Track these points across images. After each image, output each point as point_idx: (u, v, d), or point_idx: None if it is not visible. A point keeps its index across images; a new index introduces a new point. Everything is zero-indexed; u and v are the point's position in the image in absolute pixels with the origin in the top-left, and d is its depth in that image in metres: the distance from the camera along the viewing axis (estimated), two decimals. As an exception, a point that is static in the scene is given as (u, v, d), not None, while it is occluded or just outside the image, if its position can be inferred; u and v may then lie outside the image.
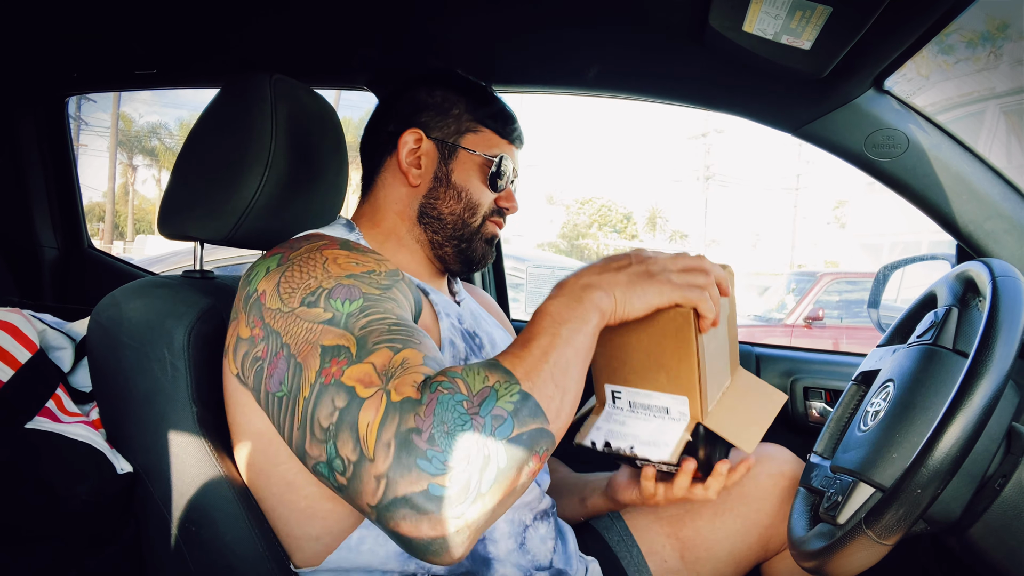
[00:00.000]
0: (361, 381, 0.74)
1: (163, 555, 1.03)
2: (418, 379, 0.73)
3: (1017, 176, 1.28)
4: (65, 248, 2.35)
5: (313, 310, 0.83)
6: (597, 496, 1.25)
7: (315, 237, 0.97)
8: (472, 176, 1.17)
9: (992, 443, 0.91)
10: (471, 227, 1.17)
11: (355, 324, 0.81)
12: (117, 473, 1.01)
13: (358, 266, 0.90)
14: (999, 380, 0.80)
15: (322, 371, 0.76)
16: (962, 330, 1.02)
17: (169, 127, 29.20)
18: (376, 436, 0.69)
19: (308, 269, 0.88)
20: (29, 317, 1.10)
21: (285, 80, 1.16)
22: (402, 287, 0.93)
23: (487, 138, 1.19)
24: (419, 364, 0.75)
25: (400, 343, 0.78)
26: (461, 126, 1.18)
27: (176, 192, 1.17)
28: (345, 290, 0.85)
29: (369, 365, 0.75)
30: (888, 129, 1.30)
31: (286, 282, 0.87)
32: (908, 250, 12.11)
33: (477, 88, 1.22)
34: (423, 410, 0.69)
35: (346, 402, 0.73)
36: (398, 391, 0.72)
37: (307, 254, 0.91)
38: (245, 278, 0.93)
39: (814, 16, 1.03)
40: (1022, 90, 13.59)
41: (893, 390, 1.02)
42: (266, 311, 0.86)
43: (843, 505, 0.95)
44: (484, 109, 1.19)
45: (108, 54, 1.84)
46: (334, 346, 0.78)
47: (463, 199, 1.16)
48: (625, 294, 0.84)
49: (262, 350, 0.84)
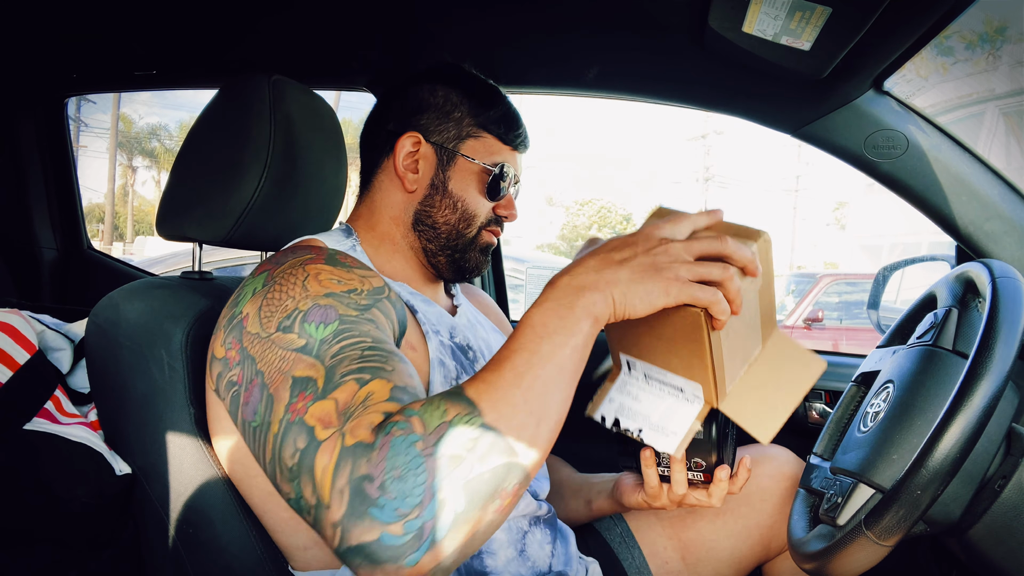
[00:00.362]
0: (321, 420, 0.71)
1: (161, 556, 1.03)
2: (375, 420, 0.70)
3: (1017, 177, 1.28)
4: (64, 249, 2.35)
5: (288, 336, 0.81)
6: (603, 499, 1.23)
7: (302, 250, 0.95)
8: (470, 185, 1.12)
9: (992, 444, 0.91)
10: (465, 238, 1.13)
11: (327, 352, 0.78)
12: (116, 475, 1.00)
13: (339, 284, 0.88)
14: (999, 381, 0.80)
15: (289, 406, 0.75)
16: (962, 331, 1.01)
17: (169, 128, 29.22)
18: (331, 482, 0.67)
19: (287, 288, 0.86)
20: (28, 318, 1.10)
21: (284, 81, 1.16)
22: (384, 307, 0.90)
23: (489, 144, 1.14)
24: (382, 400, 0.72)
25: (370, 372, 0.76)
26: (462, 131, 1.13)
27: (175, 193, 1.17)
28: (321, 312, 0.83)
29: (332, 402, 0.73)
30: (888, 130, 1.30)
31: (267, 304, 0.85)
32: (908, 251, 12.12)
33: (483, 89, 1.17)
34: (375, 455, 0.66)
35: (306, 443, 0.71)
36: (353, 434, 0.69)
37: (289, 270, 0.89)
38: (235, 297, 0.91)
39: (814, 17, 1.03)
40: (1021, 92, 13.60)
41: (893, 391, 1.01)
42: (246, 335, 0.84)
43: (843, 506, 0.95)
44: (488, 113, 1.14)
45: (107, 55, 1.84)
46: (303, 378, 0.76)
47: (459, 209, 1.12)
48: (625, 295, 0.74)
49: (238, 375, 0.83)
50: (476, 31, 1.47)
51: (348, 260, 0.94)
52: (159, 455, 1.01)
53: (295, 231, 1.21)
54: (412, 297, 1.07)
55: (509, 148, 1.15)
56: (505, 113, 1.16)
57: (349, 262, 0.94)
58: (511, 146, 1.16)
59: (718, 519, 1.23)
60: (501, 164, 1.12)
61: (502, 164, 1.13)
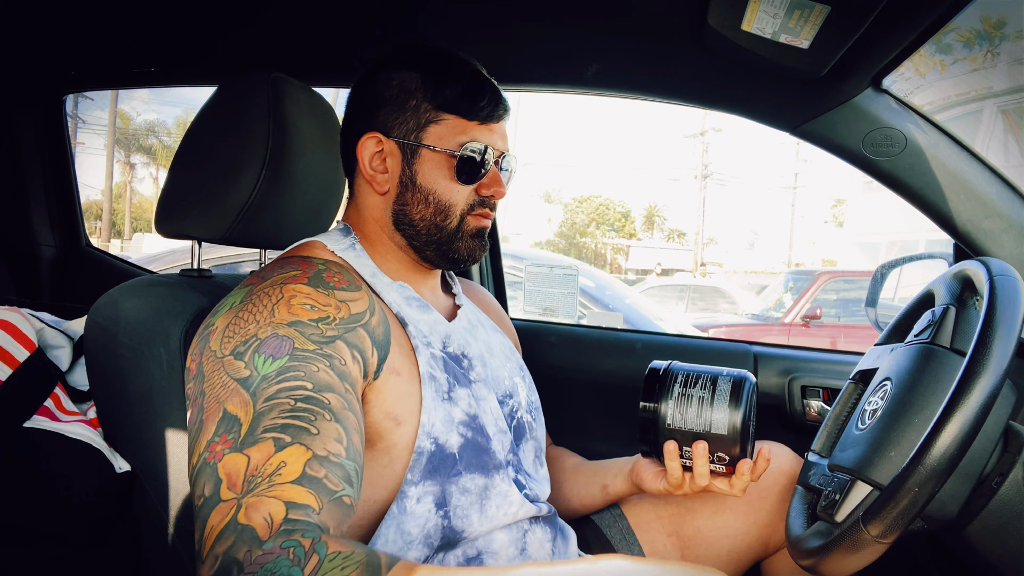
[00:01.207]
0: (229, 477, 0.71)
1: (160, 554, 1.03)
2: (277, 511, 0.67)
3: (1014, 175, 1.28)
4: (63, 246, 2.34)
5: (237, 363, 0.80)
6: (619, 481, 1.22)
7: (291, 264, 0.93)
8: (438, 175, 1.05)
9: (989, 442, 0.91)
10: (447, 230, 1.06)
11: (264, 391, 0.77)
12: (116, 472, 1.01)
13: (312, 310, 0.86)
14: (996, 379, 0.80)
15: (210, 444, 0.74)
16: (960, 329, 1.02)
17: (167, 124, 29.18)
18: (211, 544, 0.66)
19: (256, 310, 0.85)
20: (27, 316, 1.10)
21: (283, 78, 1.16)
22: (356, 336, 0.88)
23: (452, 126, 1.06)
24: (289, 480, 0.70)
25: (292, 433, 0.73)
26: (421, 119, 1.06)
27: (173, 191, 1.17)
28: (276, 343, 0.81)
29: (244, 459, 0.72)
30: (886, 128, 1.30)
31: (234, 324, 0.84)
32: (905, 249, 12.12)
33: (438, 66, 1.08)
34: (258, 555, 0.63)
35: (210, 493, 0.71)
36: (247, 514, 0.67)
37: (267, 289, 0.88)
38: (218, 305, 0.91)
39: (812, 15, 1.03)
40: (1019, 89, 13.61)
41: (891, 389, 1.02)
42: (207, 350, 0.84)
43: (841, 503, 0.95)
44: (445, 93, 1.06)
45: (106, 52, 1.83)
46: (232, 416, 0.76)
47: (432, 202, 1.06)
48: None
49: (191, 388, 0.83)
50: (474, 28, 1.47)
51: (335, 279, 0.92)
52: (158, 453, 1.01)
53: (294, 229, 1.21)
54: (407, 304, 1.04)
55: (476, 123, 1.07)
56: (465, 87, 1.07)
57: (335, 281, 0.92)
58: (478, 120, 1.07)
59: (717, 516, 1.23)
60: (468, 144, 1.05)
61: (469, 144, 1.05)
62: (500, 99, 1.09)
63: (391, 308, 1.01)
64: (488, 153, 1.07)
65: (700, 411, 1.03)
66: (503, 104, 1.10)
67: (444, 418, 0.97)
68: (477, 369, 1.07)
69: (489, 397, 1.06)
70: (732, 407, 1.02)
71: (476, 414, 1.01)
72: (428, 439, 0.95)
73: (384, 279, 1.04)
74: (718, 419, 1.02)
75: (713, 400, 1.03)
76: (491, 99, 1.08)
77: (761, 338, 7.38)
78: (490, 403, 1.05)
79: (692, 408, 1.04)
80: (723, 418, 1.02)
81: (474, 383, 1.05)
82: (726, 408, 1.02)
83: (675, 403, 1.04)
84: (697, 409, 1.03)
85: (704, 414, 1.03)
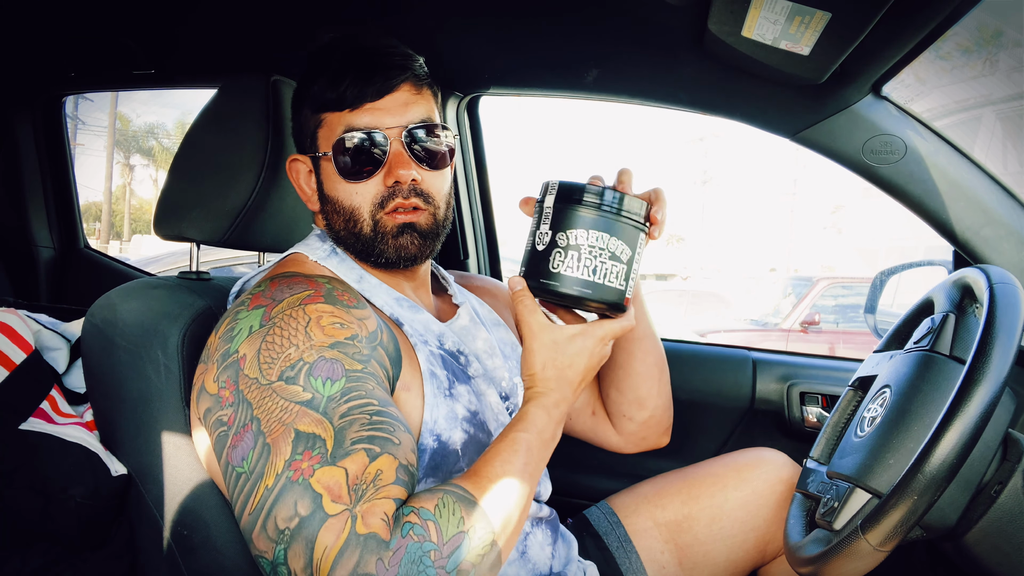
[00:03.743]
0: (330, 490, 0.70)
1: (156, 557, 1.02)
2: (388, 509, 0.70)
3: (1014, 182, 1.28)
4: (61, 248, 2.34)
5: (292, 387, 0.78)
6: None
7: (299, 284, 0.90)
8: (334, 180, 1.00)
9: (988, 450, 0.91)
10: (363, 235, 0.99)
11: (335, 410, 0.77)
12: (112, 475, 1.00)
13: (342, 328, 0.86)
14: (996, 387, 0.80)
15: (292, 463, 0.72)
16: (959, 337, 1.01)
17: (166, 127, 29.19)
18: (331, 567, 0.66)
19: (289, 334, 0.83)
20: (24, 317, 1.10)
21: (283, 81, 1.16)
22: (380, 355, 0.89)
23: (330, 124, 0.99)
24: (390, 482, 0.72)
25: (379, 444, 0.75)
26: (310, 127, 1.01)
27: (172, 193, 1.17)
28: (328, 366, 0.81)
29: (342, 471, 0.71)
30: (886, 135, 1.30)
31: (267, 349, 0.82)
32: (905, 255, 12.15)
33: (309, 65, 1.02)
34: (389, 557, 0.66)
35: (309, 511, 0.69)
36: (366, 521, 0.68)
37: (289, 311, 0.85)
38: (227, 328, 0.87)
39: (813, 22, 1.03)
40: (1019, 96, 13.64)
41: (890, 396, 1.01)
42: (242, 377, 0.81)
43: (839, 511, 0.95)
44: (313, 91, 0.99)
45: (106, 54, 1.83)
46: (309, 434, 0.74)
47: (339, 210, 1.00)
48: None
49: (229, 416, 0.80)
50: (476, 34, 1.47)
51: (345, 297, 0.91)
52: (154, 456, 1.01)
53: (292, 232, 1.21)
54: (399, 304, 1.03)
55: (348, 111, 0.97)
56: (329, 78, 0.97)
57: (346, 300, 0.90)
58: (349, 107, 0.97)
59: (715, 523, 1.23)
60: (339, 139, 0.97)
61: (340, 139, 0.97)
62: (370, 73, 0.96)
63: (384, 311, 1.01)
64: (375, 137, 0.96)
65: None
66: (378, 76, 0.97)
67: (447, 414, 0.96)
68: (475, 365, 1.06)
69: (490, 392, 1.06)
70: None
71: (478, 410, 1.01)
72: (431, 436, 0.95)
73: (372, 280, 1.04)
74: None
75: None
76: (355, 78, 0.96)
77: (760, 343, 7.38)
78: (491, 398, 1.06)
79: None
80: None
81: (473, 379, 1.04)
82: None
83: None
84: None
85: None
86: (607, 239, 0.92)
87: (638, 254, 0.96)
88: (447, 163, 1.03)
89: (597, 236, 0.92)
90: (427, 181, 1.00)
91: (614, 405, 1.22)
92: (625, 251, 0.93)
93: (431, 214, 1.01)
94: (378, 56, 0.98)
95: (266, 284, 0.92)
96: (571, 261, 0.92)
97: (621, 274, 0.94)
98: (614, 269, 0.93)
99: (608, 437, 1.26)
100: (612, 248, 0.92)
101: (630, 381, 1.19)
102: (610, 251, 0.92)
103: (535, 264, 0.94)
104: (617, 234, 0.92)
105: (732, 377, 1.68)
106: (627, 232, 0.93)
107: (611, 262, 0.92)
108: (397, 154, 0.97)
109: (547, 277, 0.93)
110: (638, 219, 0.94)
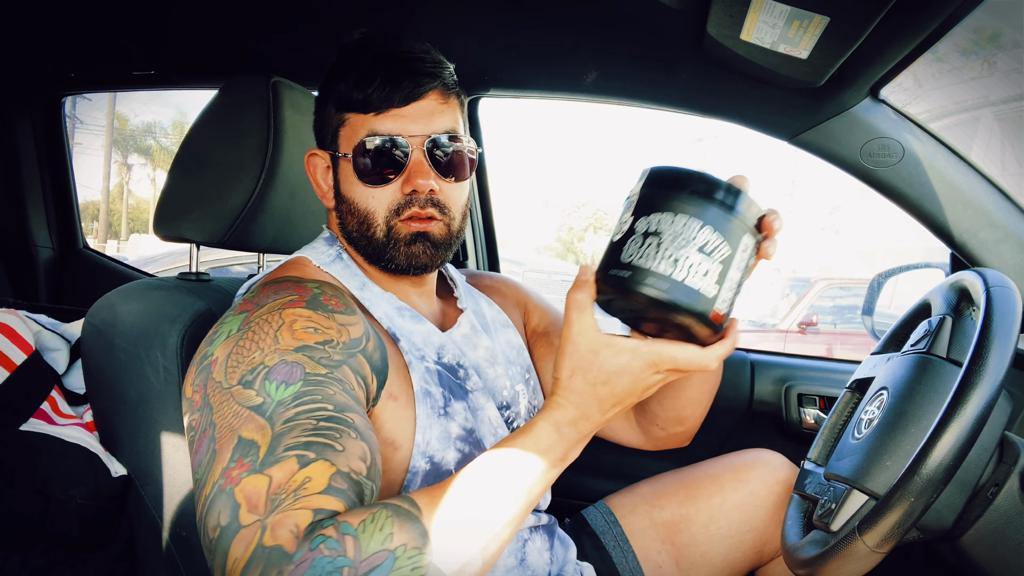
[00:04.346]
0: (249, 500, 0.66)
1: (155, 558, 1.03)
2: (302, 521, 0.64)
3: (1011, 185, 1.29)
4: (60, 248, 2.34)
5: (247, 391, 0.76)
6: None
7: (285, 289, 0.89)
8: (353, 182, 0.98)
9: (985, 452, 0.91)
10: (376, 240, 0.98)
11: (281, 416, 0.73)
12: (112, 476, 1.00)
13: (315, 333, 0.83)
14: (993, 390, 0.81)
15: (226, 471, 0.70)
16: (956, 339, 1.02)
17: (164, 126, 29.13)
18: None
19: (259, 338, 0.81)
20: (24, 318, 1.10)
21: (283, 83, 1.16)
22: (358, 362, 0.85)
23: (353, 125, 0.97)
24: (316, 492, 0.66)
25: (316, 450, 0.70)
26: (332, 125, 1.00)
27: (172, 194, 1.17)
28: (286, 370, 0.78)
29: (265, 479, 0.67)
30: (883, 138, 1.30)
31: (236, 353, 0.81)
32: (902, 257, 12.15)
33: (337, 63, 1.00)
34: (291, 571, 0.60)
35: (227, 521, 0.66)
36: (274, 533, 0.63)
37: (267, 315, 0.84)
38: (212, 332, 0.87)
39: (811, 26, 1.03)
40: (1017, 98, 13.66)
41: (887, 398, 1.02)
42: (211, 381, 0.80)
43: (837, 512, 0.95)
44: (340, 89, 0.98)
45: (106, 54, 1.83)
46: (248, 441, 0.71)
47: (355, 212, 0.99)
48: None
49: (196, 420, 0.79)
50: (475, 36, 1.48)
51: (332, 302, 0.88)
52: (153, 457, 1.01)
53: (292, 233, 1.21)
54: (399, 315, 1.01)
55: (372, 115, 0.96)
56: (356, 78, 0.96)
57: (333, 304, 0.88)
58: (375, 111, 0.95)
59: (712, 524, 1.23)
60: (361, 142, 0.95)
61: (365, 140, 0.95)
62: (399, 79, 0.95)
63: (382, 323, 0.98)
64: (398, 144, 0.95)
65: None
66: (407, 82, 0.95)
67: (440, 435, 0.95)
68: (474, 379, 1.04)
69: (488, 406, 1.04)
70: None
71: (473, 428, 0.99)
72: (423, 459, 0.93)
73: (374, 289, 1.02)
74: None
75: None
76: (383, 82, 0.94)
77: (758, 344, 7.39)
78: (489, 412, 1.03)
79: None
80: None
81: (471, 393, 1.02)
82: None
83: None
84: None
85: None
86: (699, 227, 0.72)
87: (742, 261, 0.75)
88: (467, 174, 1.01)
89: (686, 222, 0.72)
90: (445, 191, 0.98)
91: (650, 415, 1.14)
92: (723, 248, 0.73)
93: (446, 224, 0.99)
94: (409, 61, 0.96)
95: (258, 289, 0.91)
96: (648, 249, 0.72)
97: (713, 276, 0.73)
98: (704, 267, 0.72)
99: (628, 436, 1.20)
100: (706, 240, 0.72)
101: (677, 402, 1.09)
102: (702, 242, 0.72)
103: (607, 257, 0.77)
104: (714, 224, 0.72)
105: (730, 378, 1.69)
106: (729, 228, 0.73)
107: (701, 257, 0.72)
108: (417, 163, 0.96)
109: (616, 267, 0.74)
110: (746, 217, 0.74)
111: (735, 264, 0.74)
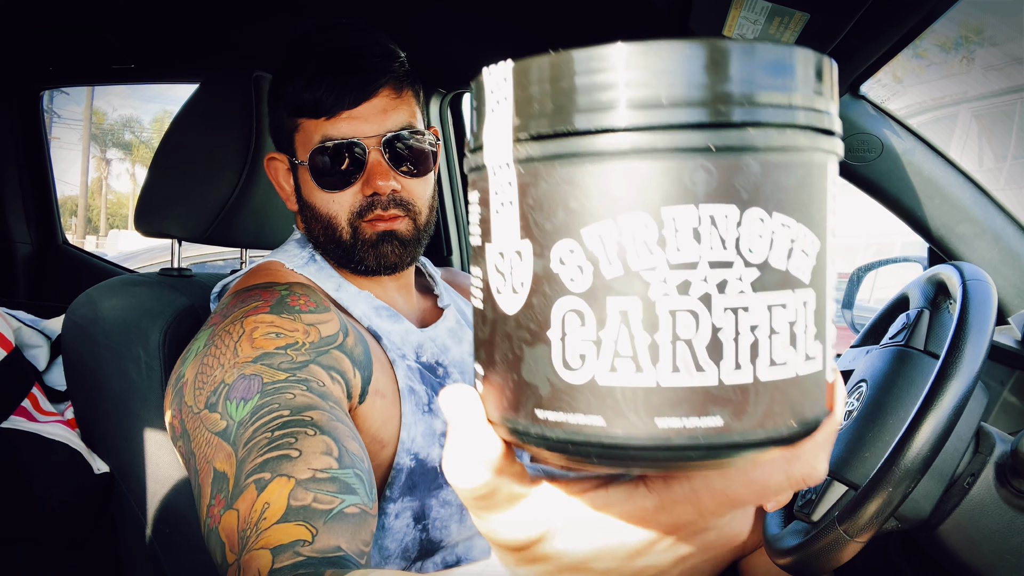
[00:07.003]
0: (229, 539, 0.65)
1: (138, 555, 1.02)
2: (263, 566, 0.60)
3: (987, 180, 1.30)
4: (39, 244, 2.31)
5: (213, 415, 0.75)
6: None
7: (253, 296, 0.87)
8: (312, 187, 0.96)
9: (961, 443, 0.93)
10: (344, 242, 0.96)
11: (241, 437, 0.71)
12: (94, 473, 1.00)
13: (276, 338, 0.80)
14: (969, 381, 0.82)
15: (210, 508, 0.69)
16: (933, 332, 1.03)
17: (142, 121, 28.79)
18: None
19: (220, 353, 0.79)
20: (3, 314, 1.09)
21: (265, 77, 1.15)
22: (333, 358, 0.83)
23: (307, 131, 0.94)
24: (274, 522, 0.63)
25: (271, 468, 0.67)
26: (287, 130, 0.97)
27: (154, 189, 1.16)
28: (244, 385, 0.75)
29: (235, 514, 0.65)
30: (863, 134, 1.31)
31: (202, 372, 0.79)
32: (882, 251, 12.26)
33: (284, 62, 0.97)
34: None
35: (220, 560, 0.66)
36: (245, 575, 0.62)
37: (229, 326, 0.82)
38: (186, 349, 0.85)
39: (792, 22, 1.04)
40: (994, 95, 13.82)
41: (866, 390, 1.03)
42: (184, 406, 0.79)
43: (817, 503, 0.96)
44: (289, 95, 0.94)
45: (85, 48, 1.81)
46: (221, 473, 0.70)
47: (318, 217, 0.97)
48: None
49: (181, 448, 0.78)
50: (459, 30, 1.47)
51: (300, 303, 0.86)
52: (136, 454, 1.01)
53: (274, 228, 1.21)
54: (377, 315, 0.99)
55: (324, 119, 0.92)
56: (305, 81, 0.92)
57: (301, 304, 0.86)
58: (325, 115, 0.92)
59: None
60: (315, 149, 0.93)
61: (317, 148, 0.93)
62: (348, 78, 0.92)
63: (362, 322, 0.97)
64: (354, 147, 0.92)
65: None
66: (357, 80, 0.92)
67: (425, 431, 0.94)
68: (454, 376, 1.03)
69: None
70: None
71: None
72: (408, 456, 0.93)
73: (351, 289, 1.00)
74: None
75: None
76: (332, 84, 0.91)
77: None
78: None
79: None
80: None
81: None
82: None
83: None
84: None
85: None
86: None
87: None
88: (430, 168, 0.99)
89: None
90: (408, 188, 0.97)
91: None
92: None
93: (411, 220, 0.98)
94: (356, 57, 0.93)
95: (228, 300, 0.90)
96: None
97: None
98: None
99: None
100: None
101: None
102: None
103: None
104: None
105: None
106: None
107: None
108: (376, 163, 0.93)
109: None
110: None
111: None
